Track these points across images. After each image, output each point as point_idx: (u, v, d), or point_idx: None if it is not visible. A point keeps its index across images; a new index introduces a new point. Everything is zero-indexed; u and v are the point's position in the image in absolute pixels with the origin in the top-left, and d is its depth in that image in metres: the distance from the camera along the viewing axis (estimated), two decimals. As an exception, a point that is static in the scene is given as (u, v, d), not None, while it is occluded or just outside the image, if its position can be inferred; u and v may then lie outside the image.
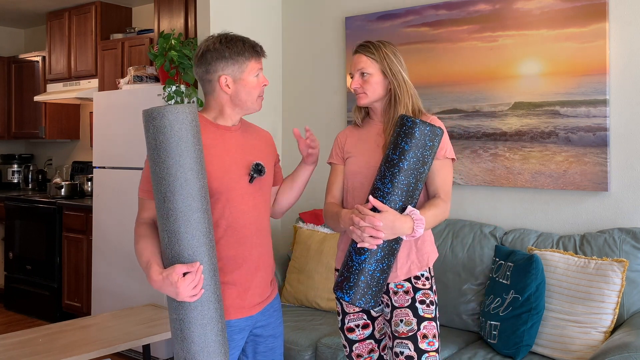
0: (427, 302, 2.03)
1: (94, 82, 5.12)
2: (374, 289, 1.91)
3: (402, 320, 2.01)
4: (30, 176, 6.17)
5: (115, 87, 4.74)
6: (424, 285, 2.05)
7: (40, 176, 6.13)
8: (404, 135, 1.88)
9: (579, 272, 2.67)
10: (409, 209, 1.88)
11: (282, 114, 4.34)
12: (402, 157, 1.87)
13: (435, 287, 2.10)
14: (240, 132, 2.00)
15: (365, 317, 2.13)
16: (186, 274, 1.67)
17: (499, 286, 2.84)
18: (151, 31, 4.78)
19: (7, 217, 5.43)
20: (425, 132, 1.88)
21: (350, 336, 2.15)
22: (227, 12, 3.96)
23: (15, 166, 6.27)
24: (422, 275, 2.06)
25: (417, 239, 2.06)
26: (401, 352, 1.98)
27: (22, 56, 5.97)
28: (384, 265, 1.91)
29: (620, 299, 2.58)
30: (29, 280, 5.21)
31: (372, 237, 1.84)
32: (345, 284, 1.92)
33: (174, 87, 3.82)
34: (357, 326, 2.14)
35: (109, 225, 4.36)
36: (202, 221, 1.73)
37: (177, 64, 3.85)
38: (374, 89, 2.09)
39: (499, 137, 3.30)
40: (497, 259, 2.96)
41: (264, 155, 2.04)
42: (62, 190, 5.33)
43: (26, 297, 5.23)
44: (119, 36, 5.00)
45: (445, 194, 2.03)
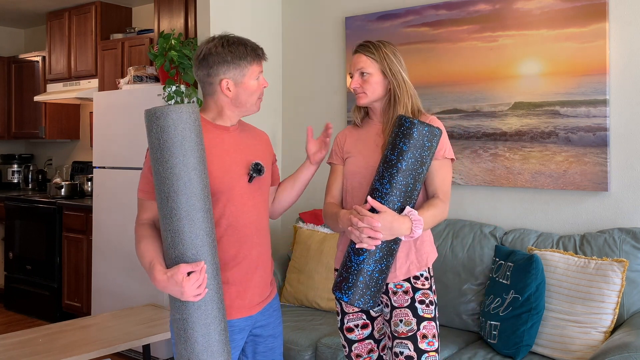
0: (427, 302, 2.03)
1: (94, 82, 5.12)
2: (372, 290, 1.91)
3: (401, 320, 2.01)
4: (30, 176, 6.17)
5: (115, 87, 4.74)
6: (423, 285, 2.05)
7: (40, 176, 6.13)
8: (402, 135, 1.88)
9: (579, 272, 2.67)
10: (407, 209, 1.88)
11: (282, 114, 4.34)
12: (400, 158, 1.87)
13: (434, 287, 2.10)
14: (238, 132, 2.01)
15: (364, 317, 2.13)
16: (190, 273, 1.68)
17: (499, 286, 2.84)
18: (151, 31, 4.78)
19: (7, 217, 5.43)
20: (423, 132, 1.87)
21: (349, 336, 2.15)
22: (227, 12, 3.96)
23: (15, 166, 6.27)
24: (421, 275, 2.06)
25: (416, 239, 2.05)
26: (401, 352, 1.98)
27: (22, 56, 5.97)
28: (382, 265, 1.90)
29: (620, 299, 2.58)
30: (29, 280, 5.21)
31: (370, 237, 1.84)
32: (343, 284, 1.92)
33: (174, 87, 3.82)
34: (357, 326, 2.14)
35: (109, 225, 4.36)
36: (205, 221, 1.73)
37: (177, 64, 3.85)
38: (374, 88, 2.09)
39: (499, 137, 3.30)
40: (497, 259, 2.96)
41: (262, 155, 2.04)
42: (62, 190, 5.33)
43: (26, 297, 5.23)
44: (119, 36, 5.00)
45: (444, 194, 2.03)
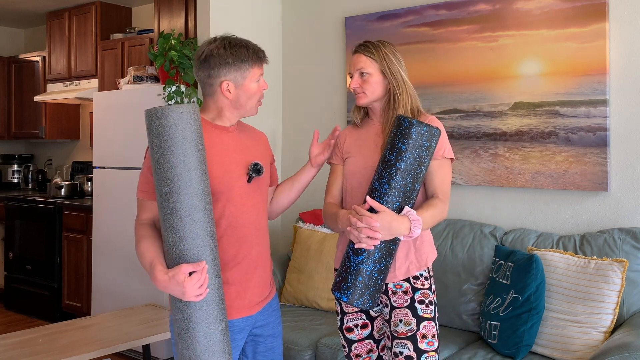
0: (426, 302, 2.03)
1: (94, 82, 5.12)
2: (371, 290, 1.91)
3: (401, 320, 2.01)
4: (30, 176, 6.17)
5: (115, 87, 4.74)
6: (422, 285, 2.05)
7: (40, 176, 6.13)
8: (400, 135, 1.88)
9: (579, 272, 2.67)
10: (406, 209, 1.88)
11: (281, 114, 4.34)
12: (399, 158, 1.87)
13: (434, 287, 2.10)
14: (237, 133, 2.01)
15: (364, 317, 2.13)
16: (192, 273, 1.68)
17: (499, 286, 2.84)
18: (151, 31, 4.78)
19: (7, 217, 5.43)
20: (422, 132, 1.87)
21: (349, 336, 2.15)
22: (227, 12, 3.96)
23: (15, 166, 6.27)
24: (421, 275, 2.06)
25: (415, 239, 2.05)
26: (400, 352, 1.98)
27: (22, 56, 5.97)
28: (381, 265, 1.90)
29: (620, 299, 2.58)
30: (29, 280, 5.21)
31: (369, 237, 1.84)
32: (343, 284, 1.92)
33: (174, 87, 3.82)
34: (356, 326, 2.14)
35: (109, 225, 4.36)
36: (206, 221, 1.74)
37: (177, 64, 3.85)
38: (373, 88, 2.09)
39: (499, 137, 3.30)
40: (497, 259, 2.96)
41: (260, 155, 2.05)
42: (62, 190, 5.33)
43: (26, 297, 5.23)
44: (119, 36, 5.00)
45: (443, 194, 2.02)
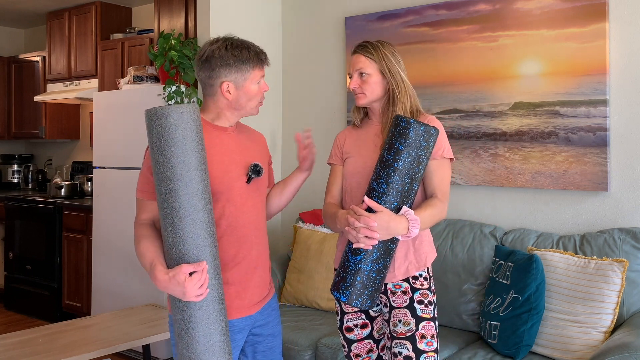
0: (426, 302, 2.03)
1: (94, 82, 5.12)
2: (370, 289, 1.91)
3: (400, 320, 2.01)
4: (30, 176, 6.17)
5: (115, 87, 4.74)
6: (422, 285, 2.05)
7: (40, 176, 6.13)
8: (398, 135, 1.88)
9: (579, 272, 2.67)
10: (404, 209, 1.88)
11: (282, 114, 4.34)
12: (396, 158, 1.87)
13: (434, 287, 2.10)
14: (236, 134, 2.02)
15: (363, 317, 2.13)
16: (192, 273, 1.68)
17: (499, 286, 2.84)
18: (151, 31, 4.78)
19: (7, 217, 5.43)
20: (419, 132, 1.87)
21: (348, 336, 2.15)
22: (227, 12, 3.96)
23: (15, 166, 6.27)
24: (420, 275, 2.06)
25: (414, 239, 2.05)
26: (399, 352, 1.98)
27: (22, 56, 5.97)
28: (380, 265, 1.91)
29: (620, 299, 2.57)
30: (29, 280, 5.21)
31: (367, 237, 1.84)
32: (341, 284, 1.92)
33: (174, 87, 3.82)
34: (356, 326, 2.14)
35: (109, 225, 4.36)
36: (206, 221, 1.74)
37: (177, 64, 3.85)
38: (373, 89, 2.09)
39: (499, 137, 3.30)
40: (497, 259, 2.96)
41: (259, 156, 2.05)
42: (62, 190, 5.33)
43: (26, 297, 5.23)
44: (119, 36, 5.00)
45: (442, 194, 2.02)
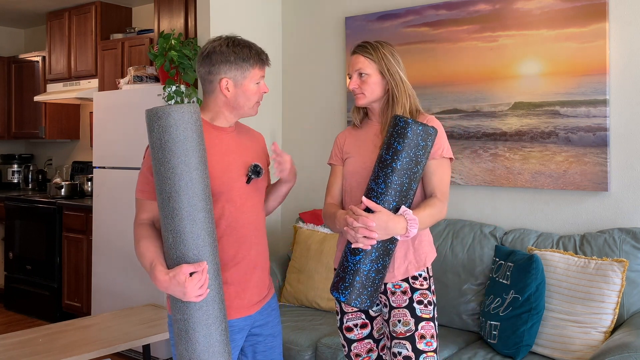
0: (425, 302, 2.03)
1: (94, 82, 5.12)
2: (369, 289, 1.91)
3: (399, 320, 2.01)
4: (30, 176, 6.17)
5: (115, 87, 4.74)
6: (421, 285, 2.05)
7: (40, 176, 6.13)
8: (396, 135, 1.88)
9: (579, 272, 2.67)
10: (403, 209, 1.88)
11: (282, 114, 4.34)
12: (395, 157, 1.87)
13: (433, 287, 2.10)
14: (236, 134, 2.02)
15: (363, 316, 2.13)
16: (192, 273, 1.68)
17: (499, 286, 2.84)
18: (151, 31, 4.78)
19: (7, 217, 5.43)
20: (417, 132, 1.87)
21: (348, 335, 2.15)
22: (227, 12, 3.96)
23: (15, 166, 6.27)
24: (419, 275, 2.06)
25: (414, 239, 2.06)
26: (399, 352, 1.98)
27: (22, 56, 5.97)
28: (379, 265, 1.91)
29: (620, 299, 2.57)
30: (29, 280, 5.21)
31: (365, 237, 1.84)
32: (340, 284, 1.92)
33: (174, 87, 3.82)
34: (356, 325, 2.14)
35: (109, 225, 4.36)
36: (206, 221, 1.73)
37: (177, 64, 3.85)
38: (372, 89, 2.09)
39: (499, 137, 3.30)
40: (497, 259, 2.96)
41: (258, 156, 2.05)
42: (62, 190, 5.33)
43: (26, 297, 5.23)
44: (119, 36, 5.00)
45: (442, 193, 2.02)
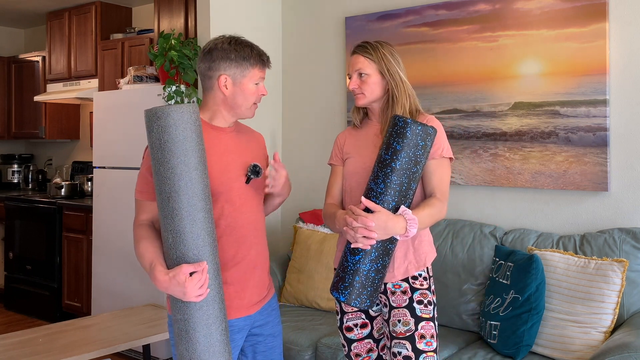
0: (425, 302, 2.03)
1: (94, 82, 5.12)
2: (369, 289, 1.91)
3: (399, 320, 2.01)
4: (30, 176, 6.17)
5: (115, 87, 4.74)
6: (421, 285, 2.05)
7: (40, 176, 6.13)
8: (395, 135, 1.88)
9: (579, 272, 2.67)
10: (402, 208, 1.88)
11: (282, 115, 4.34)
12: (394, 157, 1.87)
13: (433, 287, 2.10)
14: (235, 134, 2.02)
15: (363, 316, 2.13)
16: (192, 273, 1.68)
17: (499, 286, 2.84)
18: (151, 31, 4.78)
19: (7, 217, 5.43)
20: (416, 131, 1.87)
21: (348, 335, 2.15)
22: (227, 12, 3.96)
23: (15, 166, 6.27)
24: (419, 275, 2.06)
25: (414, 239, 2.06)
26: (399, 352, 1.98)
27: (22, 56, 5.97)
28: (378, 265, 1.91)
29: (620, 299, 2.58)
30: (29, 280, 5.21)
31: (365, 237, 1.84)
32: (340, 284, 1.92)
33: (174, 87, 3.82)
34: (356, 325, 2.14)
35: (109, 225, 4.36)
36: (206, 221, 1.73)
37: (177, 64, 3.85)
38: (372, 89, 2.09)
39: (499, 137, 3.30)
40: (497, 259, 2.96)
41: (257, 156, 2.05)
42: (62, 190, 5.33)
43: (26, 297, 5.23)
44: (119, 36, 5.00)
45: (441, 193, 2.02)
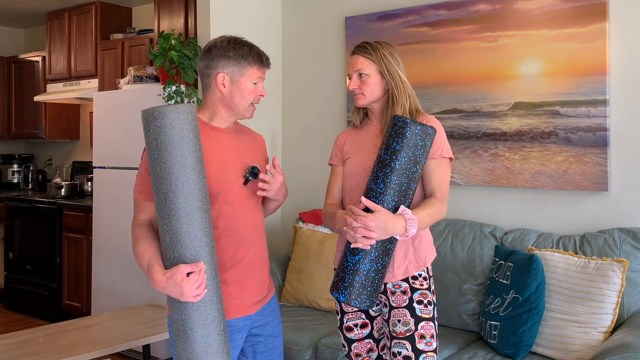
0: (425, 302, 2.03)
1: (94, 82, 5.12)
2: (369, 289, 1.91)
3: (399, 320, 2.01)
4: (30, 176, 6.17)
5: (115, 87, 4.74)
6: (421, 285, 2.05)
7: (40, 176, 6.13)
8: (395, 135, 1.89)
9: (579, 272, 2.67)
10: (402, 208, 1.88)
11: (282, 115, 4.34)
12: (393, 157, 1.87)
13: (433, 287, 2.10)
14: (235, 134, 2.02)
15: (363, 316, 2.13)
16: (189, 273, 1.68)
17: (499, 286, 2.84)
18: (151, 31, 4.78)
19: (7, 217, 5.43)
20: (416, 131, 1.87)
21: (348, 335, 2.15)
22: (227, 12, 3.96)
23: (15, 166, 6.27)
24: (419, 275, 2.06)
25: (414, 239, 2.06)
26: (399, 352, 1.98)
27: (22, 56, 5.97)
28: (378, 265, 1.91)
29: (620, 299, 2.58)
30: (29, 280, 5.21)
31: (364, 237, 1.84)
32: (340, 284, 1.92)
33: (174, 87, 3.82)
34: (356, 325, 2.14)
35: (109, 225, 4.36)
36: (203, 221, 1.73)
37: (177, 64, 3.85)
38: (372, 89, 2.09)
39: (499, 137, 3.30)
40: (497, 259, 2.96)
41: (257, 158, 2.05)
42: (62, 190, 5.33)
43: (26, 297, 5.23)
44: (119, 36, 5.00)
45: (441, 193, 2.02)
